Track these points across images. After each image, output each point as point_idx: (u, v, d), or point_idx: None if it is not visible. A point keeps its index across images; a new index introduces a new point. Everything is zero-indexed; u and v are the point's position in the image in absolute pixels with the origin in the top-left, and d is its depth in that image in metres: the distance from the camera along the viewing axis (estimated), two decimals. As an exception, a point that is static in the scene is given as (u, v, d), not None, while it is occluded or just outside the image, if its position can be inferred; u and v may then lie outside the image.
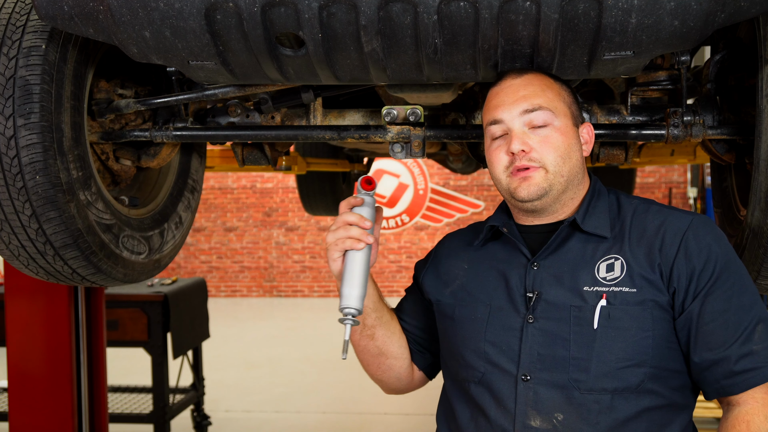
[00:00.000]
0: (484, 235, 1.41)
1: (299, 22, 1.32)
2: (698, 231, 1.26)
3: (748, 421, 1.20)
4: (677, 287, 1.24)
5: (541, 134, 1.29)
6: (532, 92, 1.31)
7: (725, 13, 1.32)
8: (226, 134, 1.89)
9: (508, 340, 1.29)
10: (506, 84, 1.35)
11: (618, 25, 1.30)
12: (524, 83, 1.33)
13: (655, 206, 1.33)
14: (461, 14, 1.30)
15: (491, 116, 1.34)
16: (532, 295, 1.29)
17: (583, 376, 1.23)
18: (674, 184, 9.53)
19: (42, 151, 1.55)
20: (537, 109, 1.29)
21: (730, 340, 1.21)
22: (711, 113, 1.73)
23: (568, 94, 1.36)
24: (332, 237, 1.33)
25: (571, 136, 1.31)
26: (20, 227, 1.62)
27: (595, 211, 1.33)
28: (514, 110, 1.30)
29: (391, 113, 1.75)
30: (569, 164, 1.30)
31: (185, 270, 10.28)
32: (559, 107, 1.32)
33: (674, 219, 1.29)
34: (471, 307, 1.35)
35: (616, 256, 1.28)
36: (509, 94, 1.32)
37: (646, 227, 1.29)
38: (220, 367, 6.14)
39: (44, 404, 2.71)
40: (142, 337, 3.91)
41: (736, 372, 1.21)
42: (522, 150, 1.28)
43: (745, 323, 1.22)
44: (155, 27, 1.36)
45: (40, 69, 1.55)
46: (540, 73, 1.35)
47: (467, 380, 1.33)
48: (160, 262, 2.01)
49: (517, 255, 1.35)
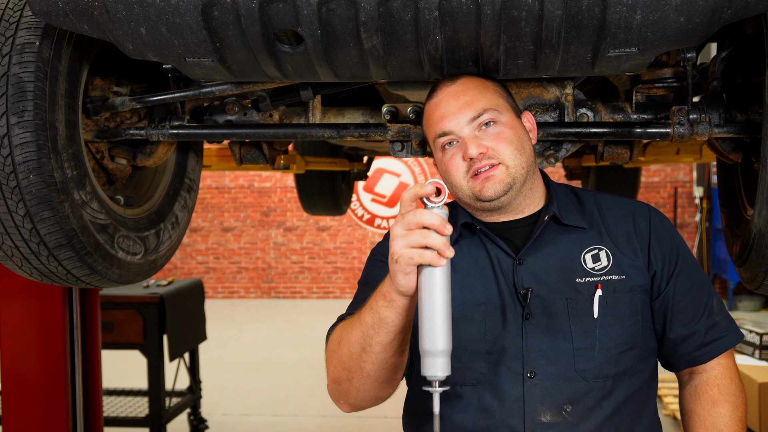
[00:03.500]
0: (457, 233, 1.37)
1: (298, 19, 1.32)
2: (657, 216, 1.38)
3: (719, 385, 1.35)
4: (657, 270, 1.33)
5: (491, 132, 1.30)
6: (472, 97, 1.31)
7: (732, 9, 1.32)
8: (223, 132, 1.88)
9: (510, 338, 1.29)
10: (443, 93, 1.34)
11: (623, 21, 1.29)
12: (461, 89, 1.33)
13: (607, 195, 1.42)
14: (463, 10, 1.29)
15: (438, 129, 1.33)
16: (526, 292, 1.29)
17: (589, 365, 1.27)
18: (680, 183, 9.50)
19: (36, 150, 1.54)
20: (483, 113, 1.30)
21: (698, 314, 1.35)
22: (717, 111, 1.72)
23: (501, 89, 1.38)
24: (403, 243, 1.03)
25: (519, 128, 1.33)
26: (14, 227, 1.60)
27: (565, 204, 1.37)
28: (461, 119, 1.30)
29: (391, 111, 1.77)
30: (525, 155, 1.32)
31: (182, 271, 10.26)
32: (500, 103, 1.33)
33: (635, 206, 1.39)
34: (464, 307, 1.32)
35: (599, 246, 1.33)
36: (450, 103, 1.32)
37: (616, 215, 1.37)
38: (217, 369, 6.12)
39: (38, 407, 2.70)
40: (138, 339, 3.91)
41: (705, 343, 1.35)
42: (480, 152, 1.28)
43: (705, 298, 1.36)
44: (151, 23, 1.36)
45: (34, 66, 1.54)
46: (471, 76, 1.37)
47: (461, 383, 1.30)
48: (156, 263, 2.01)
49: (497, 252, 1.34)
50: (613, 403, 1.27)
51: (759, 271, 1.62)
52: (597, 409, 1.26)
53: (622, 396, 1.28)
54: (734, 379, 1.36)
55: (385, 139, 1.82)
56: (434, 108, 1.34)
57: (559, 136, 1.73)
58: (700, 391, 1.36)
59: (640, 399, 1.32)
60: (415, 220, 1.03)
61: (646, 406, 1.34)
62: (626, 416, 1.29)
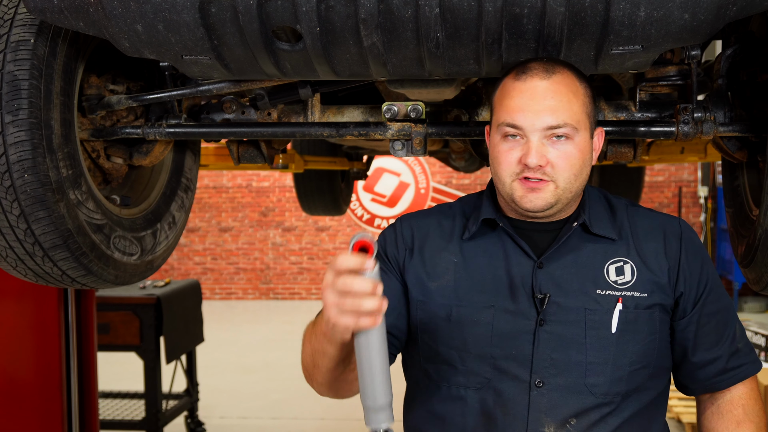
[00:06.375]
0: (477, 228, 1.33)
1: (296, 16, 1.31)
2: (689, 234, 1.34)
3: (744, 405, 1.32)
4: (684, 291, 1.29)
5: (560, 149, 1.22)
6: (559, 104, 1.22)
7: (737, 6, 1.31)
8: (220, 131, 1.87)
9: (519, 344, 1.25)
10: (531, 84, 1.23)
11: (626, 18, 1.28)
12: (552, 89, 1.22)
13: (639, 206, 1.38)
14: (464, 7, 1.28)
15: (510, 118, 1.23)
16: (543, 297, 1.25)
17: (599, 380, 1.24)
18: (684, 182, 9.48)
19: (30, 149, 1.54)
20: (561, 126, 1.21)
21: (721, 340, 1.32)
22: (722, 109, 1.70)
23: (590, 100, 1.28)
24: (336, 312, 1.02)
25: (587, 151, 1.26)
26: (8, 227, 1.60)
27: (596, 212, 1.32)
28: (537, 122, 1.21)
29: (391, 110, 1.75)
30: (580, 180, 1.26)
31: (179, 272, 10.24)
32: (582, 120, 1.24)
33: (666, 221, 1.34)
34: (471, 308, 1.28)
35: (625, 259, 1.29)
36: (534, 99, 1.22)
37: (647, 229, 1.32)
38: (215, 372, 6.11)
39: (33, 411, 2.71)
40: (134, 341, 3.91)
41: (728, 369, 1.32)
42: (539, 165, 1.21)
43: (729, 322, 1.34)
44: (148, 20, 1.35)
45: (29, 64, 1.53)
46: (568, 72, 1.25)
47: (465, 386, 1.28)
48: (152, 264, 2.00)
49: (517, 253, 1.29)
50: (619, 419, 1.25)
51: (764, 272, 1.62)
52: (602, 424, 1.24)
53: (629, 413, 1.26)
54: (758, 401, 1.34)
55: (385, 138, 1.81)
56: (516, 92, 1.23)
57: (561, 134, 1.71)
58: (724, 411, 1.33)
59: (648, 416, 1.29)
60: (345, 288, 1.01)
61: (654, 422, 1.31)
62: None
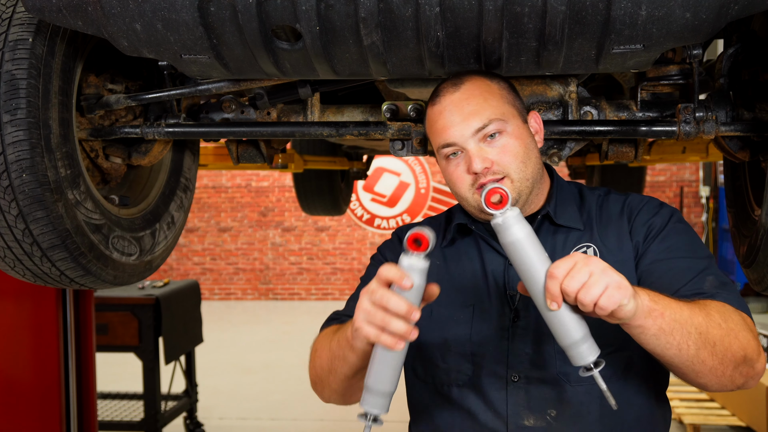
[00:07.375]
0: (452, 234, 1.39)
1: (296, 15, 1.31)
2: (655, 202, 1.33)
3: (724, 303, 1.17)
4: (639, 239, 1.28)
5: (497, 145, 1.26)
6: (477, 106, 1.27)
7: (739, 5, 1.30)
8: (220, 131, 1.87)
9: (496, 341, 1.29)
10: (447, 101, 1.29)
11: (627, 17, 1.28)
12: (465, 97, 1.28)
13: (614, 193, 1.38)
14: (464, 6, 1.28)
15: (442, 140, 1.29)
16: (515, 294, 1.29)
17: (570, 368, 1.21)
18: (686, 182, 9.48)
19: (29, 149, 1.53)
20: (488, 124, 1.26)
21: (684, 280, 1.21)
22: (724, 109, 1.70)
23: (507, 91, 1.33)
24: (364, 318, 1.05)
25: (525, 135, 1.30)
26: (6, 227, 1.59)
27: (563, 204, 1.35)
28: (465, 131, 1.26)
29: (391, 109, 1.76)
30: (531, 164, 1.29)
31: (177, 272, 10.23)
32: (506, 111, 1.28)
33: (633, 198, 1.35)
34: (451, 307, 1.33)
35: (588, 244, 1.31)
36: (454, 112, 1.28)
37: (611, 212, 1.34)
38: (214, 372, 6.10)
39: (31, 411, 2.70)
40: (133, 342, 3.91)
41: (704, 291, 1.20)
42: (485, 167, 1.25)
43: (699, 268, 1.22)
44: (146, 19, 1.35)
45: (27, 63, 1.53)
46: (475, 77, 1.31)
47: (448, 383, 1.32)
48: (151, 264, 1.99)
49: (489, 253, 1.34)
50: (603, 409, 1.23)
51: (767, 273, 1.62)
52: (582, 415, 1.24)
53: None
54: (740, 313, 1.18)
55: (385, 138, 1.81)
56: (437, 116, 1.30)
57: (562, 134, 1.72)
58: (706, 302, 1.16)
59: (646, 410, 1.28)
60: (382, 298, 1.03)
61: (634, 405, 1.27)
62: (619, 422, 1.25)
